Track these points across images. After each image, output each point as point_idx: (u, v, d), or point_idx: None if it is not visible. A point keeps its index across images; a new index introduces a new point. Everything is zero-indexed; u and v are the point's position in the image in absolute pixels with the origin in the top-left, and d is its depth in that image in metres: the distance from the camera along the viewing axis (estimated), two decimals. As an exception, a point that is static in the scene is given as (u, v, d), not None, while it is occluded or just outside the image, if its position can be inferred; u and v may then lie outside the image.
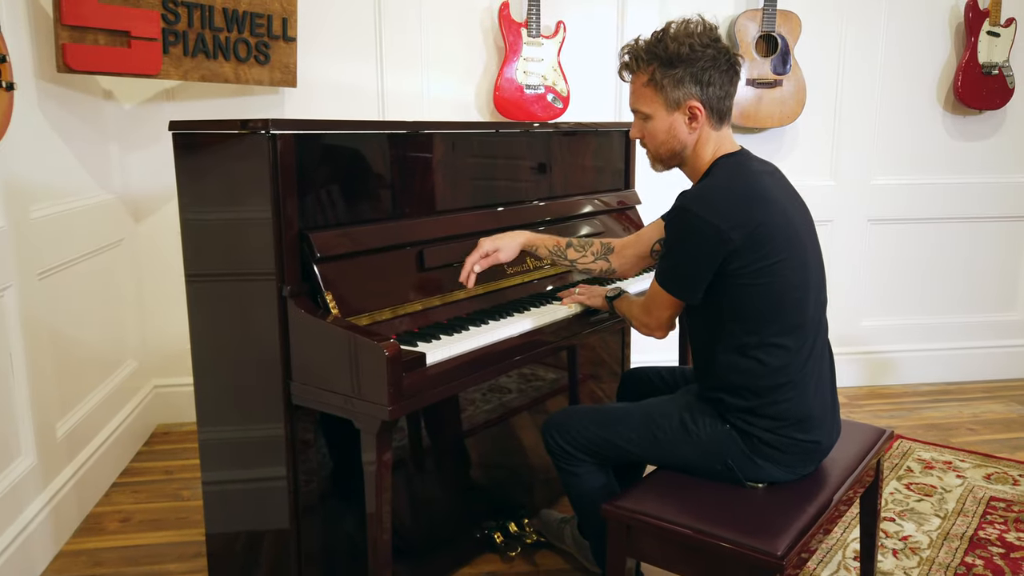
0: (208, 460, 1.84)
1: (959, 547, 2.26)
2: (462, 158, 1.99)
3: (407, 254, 1.76)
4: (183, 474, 2.76)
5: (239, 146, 1.55)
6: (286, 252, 1.54)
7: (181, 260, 3.13)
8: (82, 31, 2.30)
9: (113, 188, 2.88)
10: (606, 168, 2.53)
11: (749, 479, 1.59)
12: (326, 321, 1.50)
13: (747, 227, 1.50)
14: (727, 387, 1.59)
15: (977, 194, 3.61)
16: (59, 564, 2.20)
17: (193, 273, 1.73)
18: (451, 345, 1.62)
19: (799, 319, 1.56)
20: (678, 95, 1.59)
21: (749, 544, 1.38)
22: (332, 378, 1.51)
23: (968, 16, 3.37)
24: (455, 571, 2.15)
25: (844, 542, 2.28)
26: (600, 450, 1.72)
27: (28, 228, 2.17)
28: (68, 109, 2.53)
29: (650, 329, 1.72)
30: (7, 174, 2.08)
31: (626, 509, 1.52)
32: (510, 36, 3.09)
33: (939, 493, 2.59)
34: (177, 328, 3.16)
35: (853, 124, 3.48)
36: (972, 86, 3.41)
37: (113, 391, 2.78)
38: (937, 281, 3.69)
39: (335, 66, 3.07)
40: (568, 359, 2.50)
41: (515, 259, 1.92)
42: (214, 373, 1.77)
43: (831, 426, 1.65)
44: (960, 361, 3.73)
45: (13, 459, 2.09)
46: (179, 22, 2.55)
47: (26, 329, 2.13)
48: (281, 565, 1.74)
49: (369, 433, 1.48)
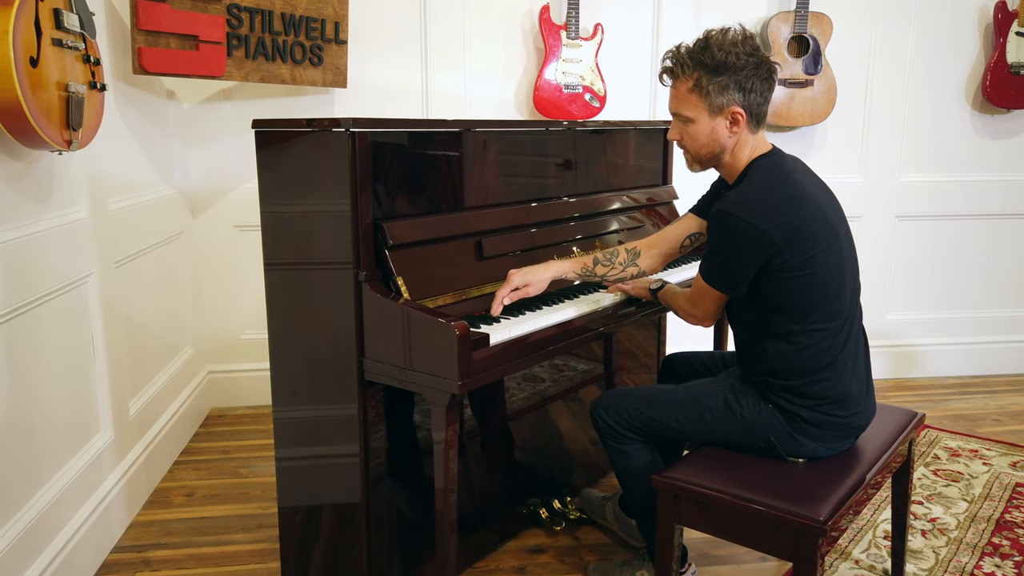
0: (282, 438, 1.97)
1: (986, 528, 2.35)
2: (515, 154, 2.11)
3: (467, 244, 1.89)
4: (239, 454, 2.92)
5: (319, 142, 1.68)
6: (362, 240, 1.67)
7: (234, 253, 3.31)
8: (156, 35, 2.46)
9: (175, 183, 3.04)
10: (645, 165, 2.65)
11: (789, 455, 1.71)
12: (399, 303, 1.64)
13: (788, 226, 1.61)
14: (770, 371, 1.70)
15: (1003, 191, 3.69)
16: (133, 533, 2.35)
17: (271, 262, 1.86)
18: (510, 328, 1.75)
19: (838, 305, 1.68)
20: (722, 101, 1.69)
21: (793, 510, 1.49)
22: (405, 356, 1.64)
23: (997, 17, 3.44)
24: (503, 544, 2.28)
25: (874, 523, 2.39)
26: (647, 428, 1.84)
27: (107, 219, 2.33)
28: (138, 108, 2.69)
29: (697, 319, 1.85)
30: (93, 169, 2.23)
31: (675, 479, 1.64)
32: (550, 38, 3.21)
33: (966, 479, 2.68)
34: (230, 317, 3.34)
35: (882, 123, 3.57)
36: (1000, 85, 3.48)
37: (174, 375, 2.94)
38: (963, 276, 3.77)
39: (383, 67, 3.21)
40: (604, 348, 2.62)
41: (564, 249, 2.04)
42: (289, 356, 1.89)
43: (868, 405, 1.76)
44: (985, 355, 3.81)
45: (94, 434, 2.25)
46: (242, 26, 2.70)
47: (105, 314, 2.29)
48: (346, 535, 1.87)
49: (439, 406, 1.61)
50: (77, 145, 1.85)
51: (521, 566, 2.18)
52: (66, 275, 2.05)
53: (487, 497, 2.23)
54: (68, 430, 2.08)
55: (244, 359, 3.34)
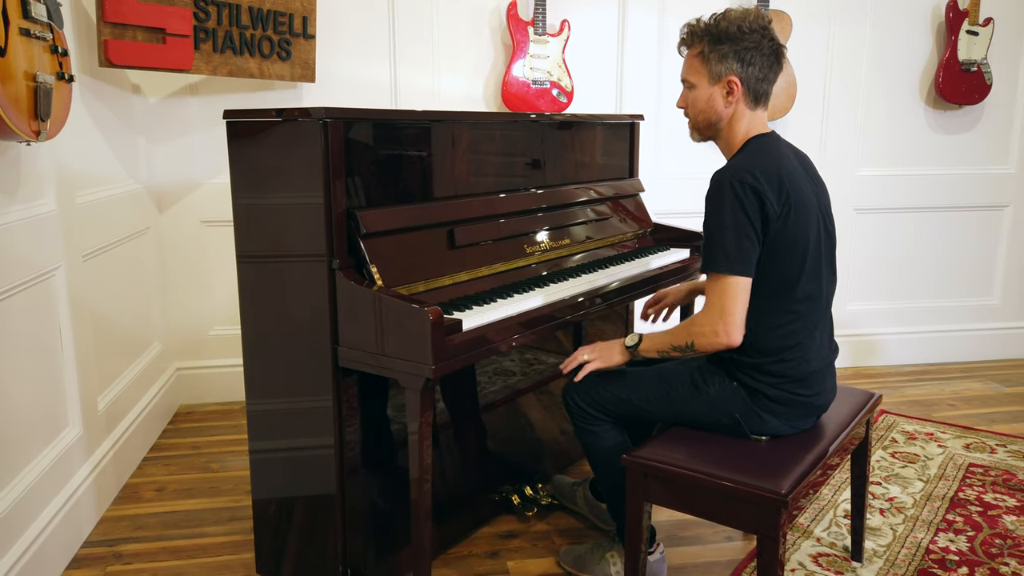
0: (256, 430, 1.98)
1: (941, 506, 2.45)
2: (487, 146, 2.15)
3: (439, 233, 1.92)
4: (210, 449, 2.91)
5: (293, 132, 1.70)
6: (335, 228, 1.69)
7: (202, 249, 3.29)
8: (122, 28, 2.45)
9: (140, 179, 3.02)
10: (613, 158, 2.71)
11: (754, 432, 1.77)
12: (373, 290, 1.66)
13: (780, 193, 1.66)
14: (739, 348, 1.75)
15: (956, 185, 3.82)
16: (104, 528, 2.34)
17: (245, 254, 1.87)
18: (482, 314, 1.79)
19: (815, 290, 1.74)
20: (720, 69, 1.75)
21: (757, 484, 1.55)
22: (379, 341, 1.67)
23: (949, 16, 3.57)
24: (476, 530, 2.31)
25: (835, 503, 2.47)
26: (616, 409, 1.89)
27: (74, 213, 2.31)
28: (103, 102, 2.67)
29: (727, 335, 1.66)
30: (59, 162, 2.22)
31: (643, 457, 1.69)
32: (517, 34, 3.25)
33: (922, 461, 2.78)
34: (198, 313, 3.32)
35: (840, 118, 3.68)
36: (952, 82, 3.61)
37: (142, 371, 2.92)
38: (918, 268, 3.89)
39: (351, 62, 3.23)
40: (574, 342, 2.66)
41: (533, 240, 2.08)
42: (263, 348, 1.91)
43: (829, 386, 1.83)
44: (940, 343, 3.94)
45: (62, 428, 2.23)
46: (209, 20, 2.70)
47: (73, 308, 2.27)
48: (321, 525, 1.89)
49: (414, 391, 1.64)
50: (46, 136, 1.84)
51: (494, 551, 2.22)
52: (33, 267, 2.04)
53: (460, 485, 2.26)
54: (36, 424, 2.06)
55: (213, 355, 3.33)
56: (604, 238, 2.46)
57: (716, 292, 1.68)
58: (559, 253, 2.26)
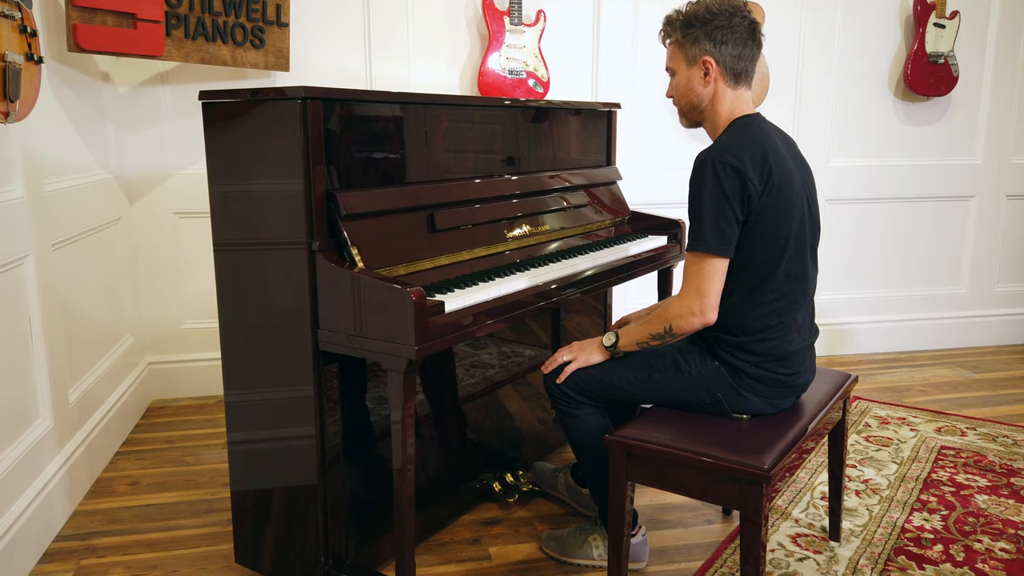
0: (234, 421, 1.95)
1: (915, 487, 2.49)
2: (468, 131, 2.14)
3: (420, 216, 1.91)
4: (184, 443, 2.86)
5: (271, 113, 1.68)
6: (315, 210, 1.67)
7: (174, 240, 3.24)
8: (91, 12, 2.40)
9: (110, 168, 2.96)
10: (590, 146, 2.71)
11: (735, 411, 1.78)
12: (354, 272, 1.64)
13: (762, 174, 1.67)
14: (722, 326, 1.76)
15: (924, 175, 3.89)
16: (76, 522, 2.29)
17: (222, 242, 1.84)
18: (464, 296, 1.78)
19: (798, 269, 1.76)
20: (695, 51, 1.78)
21: (739, 460, 1.56)
22: (361, 324, 1.65)
23: (916, 9, 3.63)
24: (458, 517, 2.30)
25: (812, 485, 2.50)
26: (598, 392, 1.89)
27: (43, 200, 2.26)
28: (72, 89, 2.61)
29: (703, 313, 1.69)
30: (28, 147, 2.17)
31: (626, 437, 1.69)
32: (493, 24, 3.25)
33: (895, 444, 2.82)
34: (171, 306, 3.27)
35: (811, 109, 3.72)
36: (920, 74, 3.67)
37: (114, 364, 2.86)
38: (889, 257, 3.96)
39: (326, 52, 3.20)
40: (552, 334, 2.66)
41: (513, 225, 2.08)
42: (241, 337, 1.88)
43: (810, 366, 1.85)
44: (910, 331, 4.01)
45: (32, 421, 2.18)
46: (181, 5, 2.66)
47: (43, 297, 2.22)
48: (301, 515, 1.87)
49: (397, 372, 1.63)
50: (15, 117, 1.80)
51: (476, 537, 2.21)
52: (2, 255, 1.99)
53: (441, 473, 2.25)
54: (5, 416, 2.01)
55: (186, 349, 3.27)
56: (583, 225, 2.47)
57: (693, 271, 1.71)
58: (539, 239, 2.26)
